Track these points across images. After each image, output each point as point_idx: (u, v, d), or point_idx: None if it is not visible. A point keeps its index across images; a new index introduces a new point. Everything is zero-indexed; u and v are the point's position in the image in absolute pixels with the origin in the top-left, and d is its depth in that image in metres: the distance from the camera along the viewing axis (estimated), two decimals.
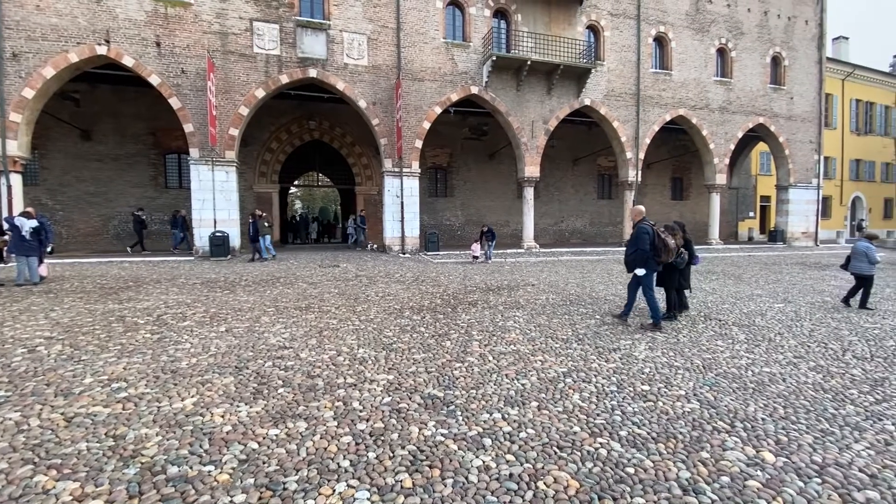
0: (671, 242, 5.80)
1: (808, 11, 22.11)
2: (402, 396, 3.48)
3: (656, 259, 5.77)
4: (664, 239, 5.75)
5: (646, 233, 5.71)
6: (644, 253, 5.73)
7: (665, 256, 5.78)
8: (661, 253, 5.74)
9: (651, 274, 5.88)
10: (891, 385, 3.86)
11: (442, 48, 16.16)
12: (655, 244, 5.73)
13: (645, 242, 5.70)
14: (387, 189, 16.06)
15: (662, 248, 5.73)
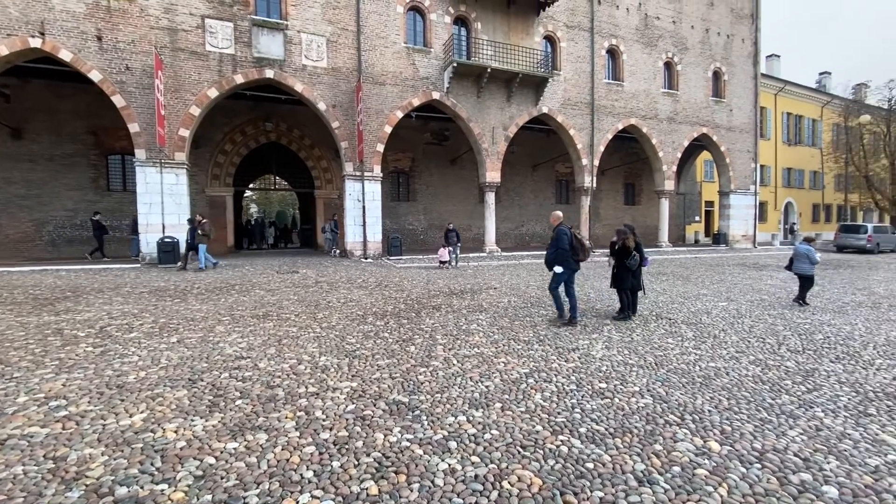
0: (587, 243, 6.29)
1: (744, 30, 23.87)
2: (366, 403, 3.44)
3: (574, 258, 6.21)
4: (581, 240, 6.24)
5: (564, 234, 6.18)
6: (564, 252, 6.17)
7: (582, 255, 6.23)
8: (578, 252, 6.20)
9: (566, 272, 6.30)
10: (820, 375, 4.22)
11: (403, 53, 16.18)
12: (573, 245, 6.18)
13: (564, 243, 6.15)
14: (348, 193, 15.83)
15: (579, 248, 6.20)
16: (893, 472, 2.55)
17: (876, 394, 3.75)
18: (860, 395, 3.73)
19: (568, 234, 6.19)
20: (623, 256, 6.68)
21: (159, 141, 12.86)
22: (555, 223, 6.44)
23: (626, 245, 6.60)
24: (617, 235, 6.81)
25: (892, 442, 2.91)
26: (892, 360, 4.70)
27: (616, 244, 6.83)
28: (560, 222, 6.39)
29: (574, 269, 6.36)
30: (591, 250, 6.57)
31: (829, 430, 3.07)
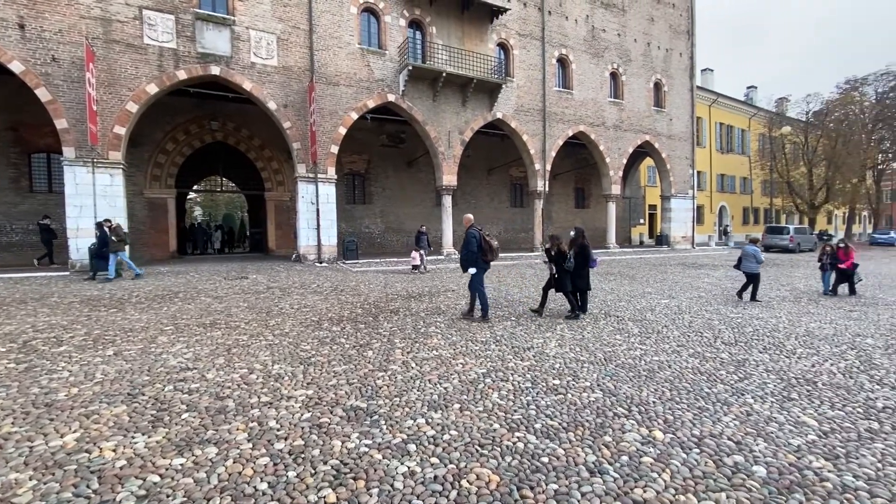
0: (494, 244, 6.58)
1: (681, 45, 25.56)
2: (322, 411, 3.37)
3: (483, 259, 6.54)
4: (489, 242, 6.55)
5: (474, 237, 6.50)
6: (473, 254, 6.48)
7: (490, 256, 6.55)
8: (487, 254, 6.52)
9: (481, 272, 6.63)
10: (750, 365, 4.59)
11: (357, 54, 15.99)
12: (482, 246, 6.49)
13: (473, 245, 6.46)
14: (301, 195, 15.39)
15: (488, 249, 6.51)
16: (813, 450, 2.82)
17: (798, 380, 4.14)
18: (784, 381, 4.10)
19: (477, 236, 6.50)
20: (560, 260, 6.95)
21: (91, 139, 11.93)
22: (467, 225, 6.79)
23: (561, 249, 6.95)
24: (550, 241, 7.15)
25: (812, 423, 3.22)
26: (811, 350, 5.20)
27: (551, 250, 7.11)
28: (471, 225, 6.75)
29: (484, 268, 6.69)
30: (566, 255, 6.90)
31: (758, 414, 3.36)
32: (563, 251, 6.97)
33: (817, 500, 2.28)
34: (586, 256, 7.06)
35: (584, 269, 7.09)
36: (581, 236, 7.14)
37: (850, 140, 32.33)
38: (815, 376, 4.23)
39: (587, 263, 7.09)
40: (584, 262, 7.06)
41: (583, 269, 7.07)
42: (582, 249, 7.05)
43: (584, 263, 7.08)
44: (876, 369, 4.46)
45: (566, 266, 6.90)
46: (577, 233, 7.20)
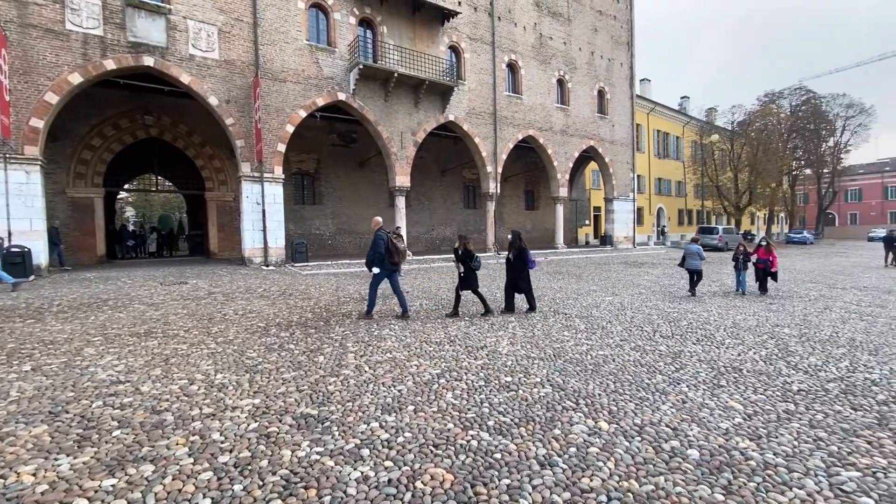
0: (401, 246, 6.84)
1: (622, 55, 27.00)
2: (271, 420, 3.24)
3: (390, 260, 6.78)
4: (395, 244, 6.78)
5: (381, 239, 6.72)
6: (380, 255, 6.72)
7: (397, 258, 6.78)
8: (393, 255, 6.77)
9: (383, 273, 6.86)
10: (685, 356, 4.93)
11: (305, 50, 15.53)
12: (389, 248, 6.73)
13: (380, 247, 6.71)
14: (245, 195, 14.70)
15: (394, 251, 6.76)
16: (739, 432, 3.07)
17: (726, 368, 4.49)
18: (715, 370, 4.43)
19: (384, 238, 6.72)
20: (468, 260, 7.07)
21: (3, 132, 10.76)
22: (375, 227, 6.97)
23: (468, 249, 7.08)
24: (459, 241, 7.28)
25: (738, 407, 3.50)
26: (737, 340, 5.66)
27: (458, 250, 7.23)
28: (380, 227, 6.93)
29: (391, 270, 6.90)
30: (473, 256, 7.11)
31: (692, 401, 3.61)
32: (470, 251, 7.09)
33: (743, 478, 2.49)
34: (524, 258, 7.31)
35: (524, 272, 7.38)
36: (518, 239, 7.41)
37: (769, 148, 35.58)
38: (741, 364, 4.62)
39: (526, 265, 7.35)
40: (522, 264, 7.32)
41: (522, 270, 7.35)
42: (520, 252, 7.33)
43: (524, 265, 7.34)
44: (792, 356, 4.93)
45: (473, 266, 7.05)
46: (514, 236, 7.49)
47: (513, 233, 7.58)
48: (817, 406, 3.52)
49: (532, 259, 7.50)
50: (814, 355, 4.95)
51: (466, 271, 7.11)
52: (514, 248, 7.40)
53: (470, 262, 7.06)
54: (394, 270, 6.93)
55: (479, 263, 7.13)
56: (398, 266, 6.95)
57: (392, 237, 6.80)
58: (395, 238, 6.83)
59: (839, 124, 42.79)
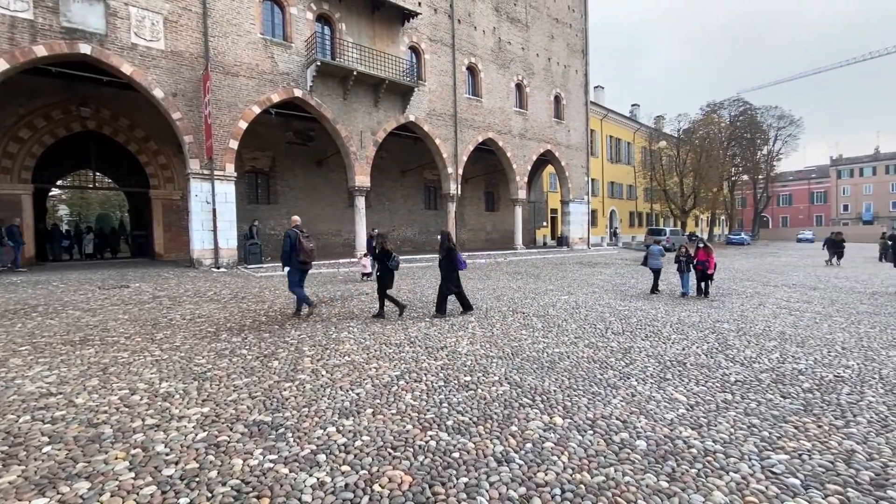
0: (308, 246, 6.88)
1: (577, 63, 27.95)
2: (221, 429, 3.10)
3: (298, 260, 6.83)
4: (303, 243, 6.82)
5: (288, 237, 6.82)
6: (286, 254, 6.82)
7: (303, 256, 6.83)
8: (300, 254, 6.82)
9: (295, 270, 6.89)
10: (634, 351, 5.16)
11: (260, 44, 14.99)
12: (296, 247, 6.78)
13: (286, 245, 6.80)
14: (194, 194, 13.97)
15: (301, 249, 6.81)
16: (683, 422, 3.25)
17: (671, 362, 4.74)
18: (661, 364, 4.67)
19: (292, 237, 6.77)
20: (384, 259, 7.03)
21: None
22: (291, 226, 7.06)
23: (385, 248, 7.06)
24: (375, 241, 7.31)
25: (682, 399, 3.71)
26: (682, 335, 5.99)
27: (375, 248, 7.26)
28: (295, 226, 7.00)
29: (300, 268, 6.95)
30: (314, 253, 7.18)
31: (641, 394, 3.79)
32: (387, 250, 7.04)
33: (685, 465, 2.64)
34: (452, 259, 7.20)
35: (454, 273, 7.25)
36: (447, 240, 7.30)
37: (711, 155, 37.96)
38: (685, 358, 4.90)
39: (455, 266, 7.24)
40: (452, 265, 7.21)
41: (452, 272, 7.22)
42: (448, 253, 7.20)
43: (453, 267, 7.22)
44: (730, 349, 5.29)
45: (390, 265, 7.00)
46: (443, 237, 7.38)
47: (442, 233, 7.48)
48: (751, 395, 3.79)
49: (462, 260, 7.40)
50: (749, 348, 5.33)
51: (382, 270, 7.05)
52: (442, 249, 7.29)
53: (387, 260, 6.97)
54: (304, 268, 7.01)
55: (396, 263, 7.03)
56: (308, 264, 7.02)
57: (301, 236, 6.83)
58: (304, 237, 6.89)
59: (772, 134, 46.32)
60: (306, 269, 7.05)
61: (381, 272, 7.07)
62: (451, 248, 7.25)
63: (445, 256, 7.24)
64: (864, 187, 63.21)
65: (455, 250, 7.29)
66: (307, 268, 7.07)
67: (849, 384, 4.07)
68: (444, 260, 7.28)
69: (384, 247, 7.05)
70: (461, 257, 7.42)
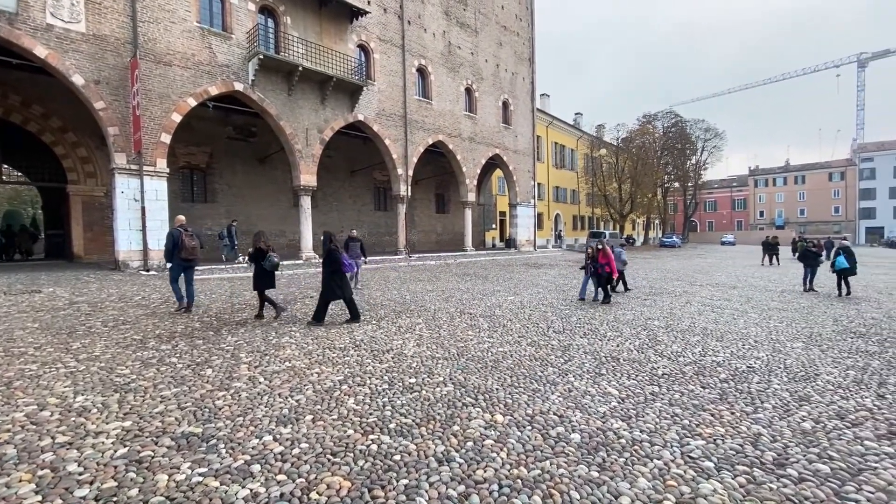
0: (189, 244, 7.15)
1: (524, 70, 28.81)
2: (144, 443, 2.89)
3: (179, 256, 7.11)
4: (185, 241, 7.11)
5: (171, 235, 7.19)
6: (168, 251, 7.21)
7: (185, 254, 7.13)
8: (183, 251, 7.09)
9: (177, 267, 7.23)
10: (573, 349, 5.40)
11: (196, 33, 14.14)
12: (178, 245, 7.05)
13: (169, 243, 7.16)
14: (119, 191, 12.88)
15: (183, 248, 7.09)
16: (614, 414, 3.45)
17: (606, 358, 5.01)
18: (597, 360, 4.92)
19: (174, 236, 7.08)
20: (259, 258, 6.84)
21: None
22: (175, 225, 7.38)
23: (259, 248, 6.86)
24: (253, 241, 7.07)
25: (615, 392, 3.93)
26: (616, 332, 6.34)
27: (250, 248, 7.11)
28: (180, 224, 7.31)
29: (182, 265, 7.24)
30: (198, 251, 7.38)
31: (577, 390, 3.97)
32: (262, 249, 6.82)
33: (615, 454, 2.80)
34: (334, 261, 6.58)
35: (338, 277, 6.58)
36: (329, 240, 6.71)
37: (647, 163, 40.55)
38: (619, 354, 5.19)
39: (338, 269, 6.58)
40: (332, 268, 6.57)
41: (335, 275, 6.56)
42: (328, 255, 6.63)
43: (334, 269, 6.57)
44: (659, 345, 5.67)
45: (264, 265, 6.79)
46: (325, 237, 6.82)
47: (324, 234, 6.88)
48: (676, 387, 4.09)
49: (348, 262, 6.79)
50: (676, 343, 5.74)
51: (257, 270, 6.89)
52: (323, 251, 6.74)
53: (261, 260, 6.78)
54: (188, 266, 7.27)
55: (271, 263, 6.73)
56: (191, 262, 7.27)
57: (184, 235, 7.07)
58: (186, 235, 7.12)
59: (699, 145, 50.29)
60: (190, 265, 7.34)
61: (256, 272, 6.90)
62: (331, 249, 6.62)
63: (325, 258, 6.63)
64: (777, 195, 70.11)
65: (336, 251, 6.63)
66: (191, 264, 7.34)
67: (758, 374, 4.50)
68: (324, 262, 6.69)
69: (257, 246, 6.86)
70: (346, 259, 6.80)
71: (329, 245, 6.68)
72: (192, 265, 7.41)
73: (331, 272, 6.57)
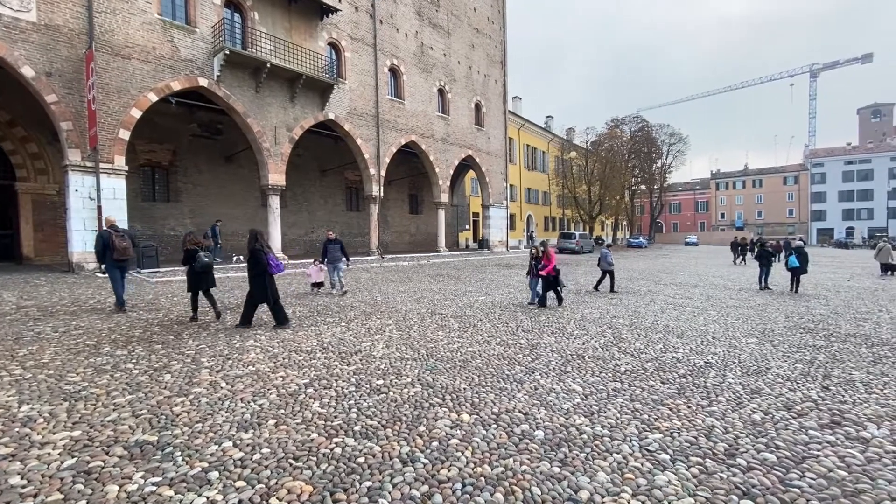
0: (120, 244, 7.19)
1: (496, 73, 29.10)
2: (94, 453, 2.75)
3: (113, 257, 7.13)
4: (115, 242, 7.13)
5: (100, 237, 7.30)
6: (99, 253, 7.30)
7: (117, 255, 7.15)
8: (114, 252, 7.13)
9: (113, 268, 7.28)
10: (540, 347, 5.49)
11: (157, 26, 13.60)
12: (109, 246, 7.09)
13: (99, 245, 7.25)
14: (73, 189, 12.23)
15: (114, 248, 7.12)
16: (577, 410, 3.52)
17: (572, 356, 5.11)
18: (563, 358, 5.02)
19: (104, 237, 7.16)
20: (189, 259, 6.74)
21: None
22: (105, 226, 7.50)
23: (187, 248, 6.79)
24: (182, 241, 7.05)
25: (578, 389, 4.02)
26: (583, 331, 6.49)
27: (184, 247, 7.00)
28: (110, 225, 7.41)
29: (116, 266, 7.31)
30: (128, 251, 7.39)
31: (543, 387, 4.04)
32: (188, 249, 6.73)
33: (576, 450, 2.86)
34: (257, 261, 6.18)
35: (262, 278, 6.22)
36: (254, 239, 6.26)
37: (615, 166, 41.67)
38: (584, 351, 5.31)
39: (263, 271, 6.20)
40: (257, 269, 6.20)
41: (260, 276, 6.21)
42: (251, 254, 6.22)
43: (259, 271, 6.21)
44: (623, 342, 5.83)
45: (195, 266, 6.67)
46: (251, 235, 6.34)
47: (251, 232, 6.42)
48: (637, 382, 4.21)
49: (276, 263, 6.29)
50: (639, 340, 5.92)
51: (188, 271, 6.81)
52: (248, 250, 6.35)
53: (192, 261, 6.67)
54: (120, 265, 7.34)
55: (202, 263, 6.59)
56: (123, 262, 7.35)
57: (114, 235, 7.13)
58: (117, 236, 7.16)
59: (665, 149, 51.99)
60: (122, 265, 7.43)
61: (188, 273, 6.84)
62: (255, 248, 6.18)
63: (249, 258, 6.25)
64: (737, 198, 73.40)
65: (261, 251, 6.17)
66: (123, 265, 7.43)
67: (715, 369, 4.69)
68: (248, 261, 6.31)
69: (186, 247, 6.81)
70: (274, 259, 6.30)
71: (254, 244, 6.19)
72: (125, 265, 7.53)
73: (256, 274, 6.20)
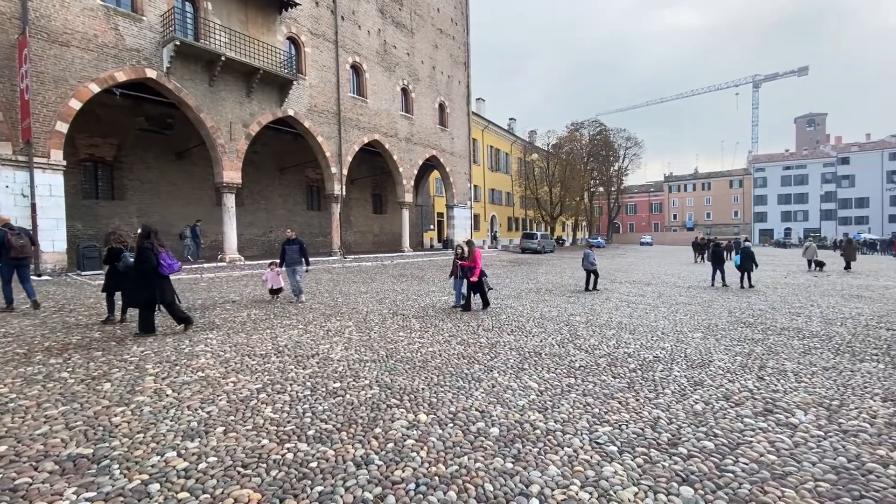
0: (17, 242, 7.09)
1: (460, 74, 29.27)
2: (21, 469, 2.55)
3: (9, 256, 7.07)
4: (11, 240, 7.04)
5: None
6: None
7: (14, 253, 7.08)
8: (11, 251, 7.04)
9: (7, 267, 7.22)
10: (499, 345, 5.57)
11: (100, 12, 12.76)
12: (5, 244, 7.02)
13: None
14: (4, 185, 11.26)
15: (11, 247, 7.03)
16: (532, 407, 3.60)
17: (530, 353, 5.22)
18: (521, 356, 5.11)
19: (2, 235, 7.06)
20: (112, 261, 6.49)
21: None
22: None
23: (111, 247, 6.62)
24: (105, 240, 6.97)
25: (534, 386, 4.10)
26: (541, 328, 6.64)
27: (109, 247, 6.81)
28: (4, 224, 7.32)
29: (13, 265, 7.21)
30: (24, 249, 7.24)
31: (500, 385, 4.10)
32: (114, 249, 6.53)
33: (529, 445, 2.93)
34: (144, 260, 5.62)
35: (153, 278, 5.68)
36: (145, 238, 5.70)
37: (575, 168, 42.91)
38: (542, 349, 5.43)
39: (152, 269, 5.64)
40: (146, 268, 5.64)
41: (150, 277, 5.66)
42: (139, 253, 5.67)
43: (152, 271, 5.64)
44: (579, 339, 6.01)
45: (118, 266, 6.36)
46: (142, 232, 5.80)
47: (143, 227, 5.87)
48: (590, 378, 4.36)
49: (169, 263, 5.76)
50: (593, 337, 6.13)
51: (108, 272, 6.56)
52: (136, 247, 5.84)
53: (115, 261, 6.41)
54: (19, 264, 7.26)
55: (125, 264, 6.26)
56: (22, 260, 7.24)
57: (10, 234, 7.02)
58: (13, 234, 7.07)
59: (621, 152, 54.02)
60: (22, 263, 7.34)
61: (108, 273, 6.66)
62: (142, 247, 5.61)
63: (136, 257, 5.72)
64: (688, 200, 77.30)
65: (149, 250, 5.60)
66: (22, 262, 7.34)
67: (662, 363, 4.92)
68: (135, 261, 5.78)
69: (109, 246, 6.75)
70: (167, 258, 5.75)
71: (143, 242, 5.62)
72: (25, 263, 7.47)
73: (145, 273, 5.62)
